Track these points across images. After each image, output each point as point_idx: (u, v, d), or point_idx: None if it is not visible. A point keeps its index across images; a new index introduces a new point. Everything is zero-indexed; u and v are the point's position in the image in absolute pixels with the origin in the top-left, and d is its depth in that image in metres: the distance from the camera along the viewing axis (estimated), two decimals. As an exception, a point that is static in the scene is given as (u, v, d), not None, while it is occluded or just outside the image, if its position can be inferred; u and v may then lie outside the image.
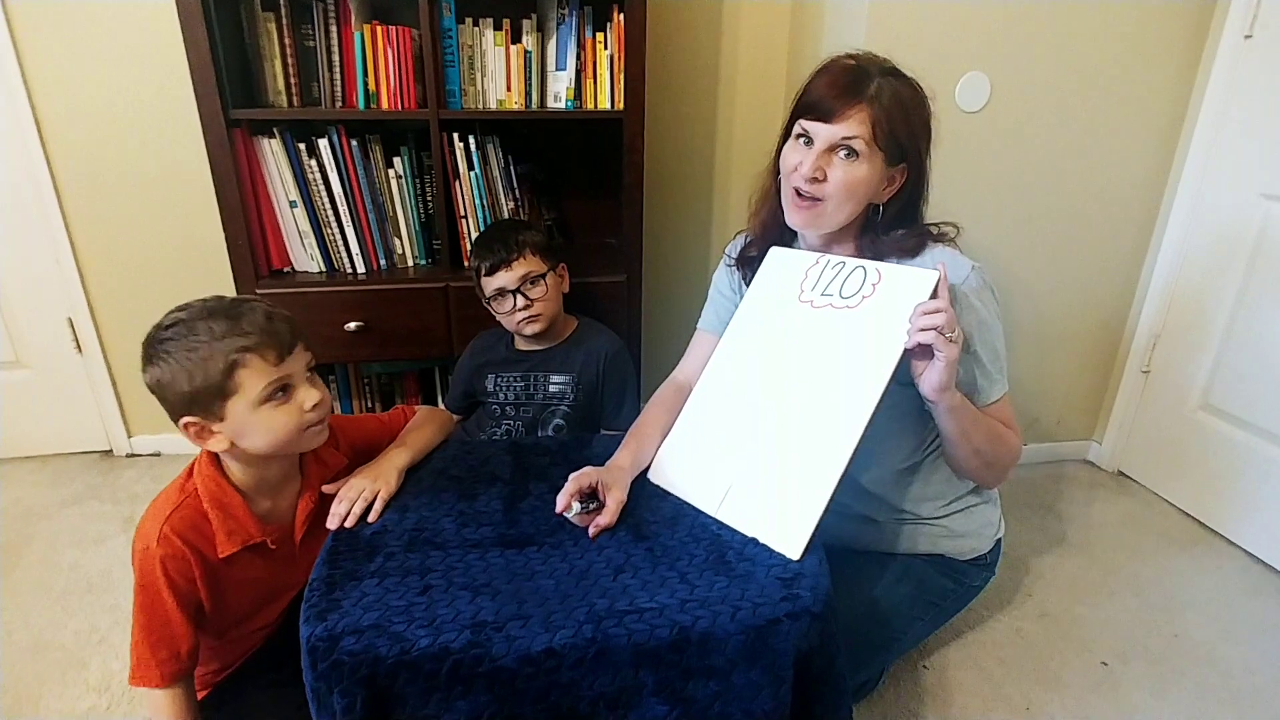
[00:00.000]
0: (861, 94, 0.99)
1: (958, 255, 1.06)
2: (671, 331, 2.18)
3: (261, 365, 0.90)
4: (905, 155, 1.03)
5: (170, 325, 0.90)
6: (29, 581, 1.58)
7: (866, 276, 1.00)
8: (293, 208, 1.60)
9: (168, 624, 0.93)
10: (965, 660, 1.41)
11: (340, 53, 1.53)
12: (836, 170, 1.01)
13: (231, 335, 0.89)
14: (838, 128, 0.99)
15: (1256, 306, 1.68)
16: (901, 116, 1.00)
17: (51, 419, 2.05)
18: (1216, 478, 1.81)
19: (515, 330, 1.48)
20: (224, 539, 0.95)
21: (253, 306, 0.93)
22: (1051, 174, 1.81)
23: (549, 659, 0.80)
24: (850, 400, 0.93)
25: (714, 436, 1.07)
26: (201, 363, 0.87)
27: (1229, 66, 1.70)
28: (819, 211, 1.04)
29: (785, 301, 1.07)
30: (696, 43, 1.94)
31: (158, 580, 0.91)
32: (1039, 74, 1.70)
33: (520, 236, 1.44)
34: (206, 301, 0.92)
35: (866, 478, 1.17)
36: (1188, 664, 1.41)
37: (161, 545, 0.92)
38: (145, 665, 0.92)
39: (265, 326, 0.91)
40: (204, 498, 0.95)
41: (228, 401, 0.90)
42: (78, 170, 1.83)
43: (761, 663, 0.84)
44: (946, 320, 0.89)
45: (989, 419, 1.04)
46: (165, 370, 0.88)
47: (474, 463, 1.16)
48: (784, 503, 0.95)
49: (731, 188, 2.09)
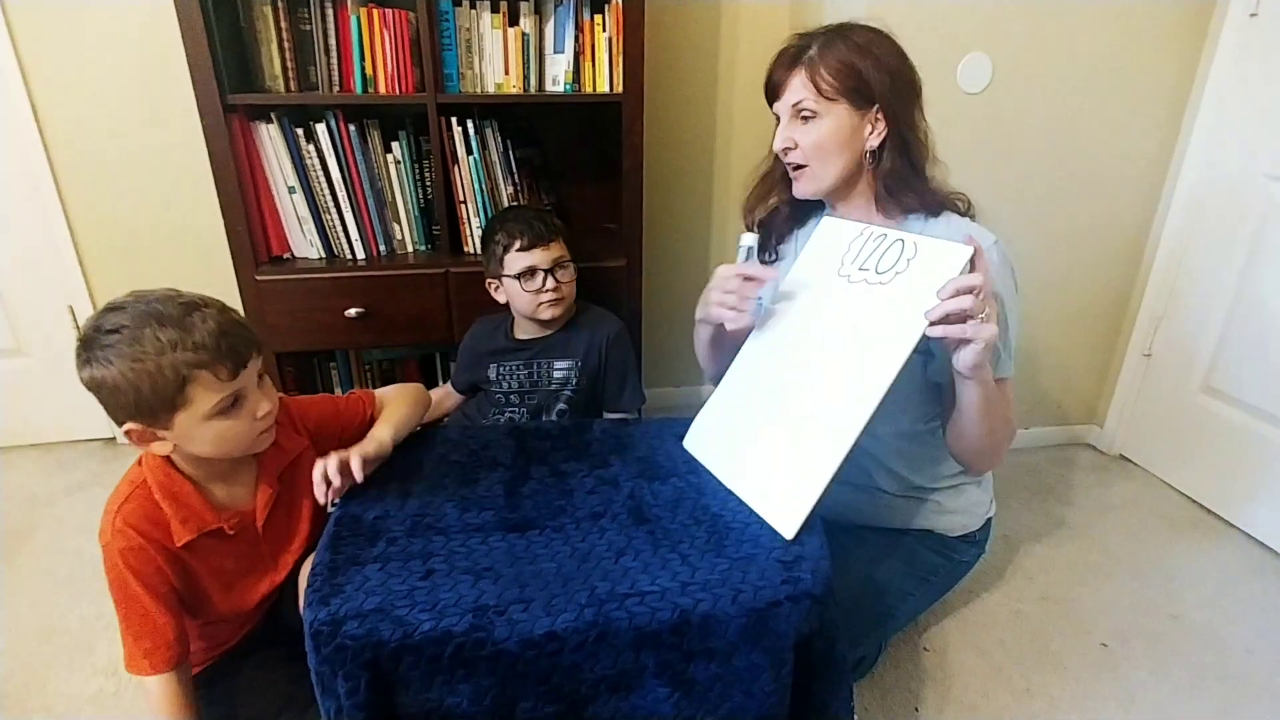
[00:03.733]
0: (798, 61, 1.07)
1: (980, 228, 1.07)
2: (672, 316, 2.18)
3: (214, 381, 0.86)
4: (871, 94, 1.05)
5: (113, 330, 0.84)
6: (34, 568, 1.59)
7: (904, 251, 0.96)
8: (291, 193, 1.60)
9: (145, 614, 0.92)
10: (965, 642, 1.42)
11: (337, 36, 1.52)
12: (802, 135, 1.09)
13: (183, 349, 0.84)
14: (785, 99, 1.09)
15: (1259, 289, 1.67)
16: (849, 61, 1.04)
17: (53, 407, 2.05)
18: (1217, 461, 1.81)
19: (533, 313, 1.45)
20: (178, 527, 0.94)
21: (204, 315, 0.87)
22: (1053, 156, 1.79)
23: (551, 642, 0.80)
24: (862, 383, 0.91)
25: (741, 409, 1.07)
26: (149, 375, 0.83)
27: (1234, 46, 1.68)
28: (808, 175, 1.11)
29: (826, 274, 1.05)
30: (695, 24, 1.92)
31: (123, 573, 0.91)
32: (1041, 55, 1.68)
33: (554, 221, 1.46)
34: (150, 303, 0.86)
35: (869, 443, 1.17)
36: (1187, 645, 1.42)
37: (117, 538, 0.91)
38: (133, 655, 0.93)
39: (219, 343, 0.86)
40: (154, 488, 0.93)
41: (176, 414, 0.87)
42: (75, 157, 1.82)
43: (762, 645, 0.84)
44: (974, 304, 0.83)
45: (1005, 401, 1.03)
46: (106, 374, 0.83)
47: (475, 447, 1.17)
48: (787, 482, 0.95)
49: (732, 171, 2.08)
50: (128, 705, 1.26)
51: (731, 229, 2.14)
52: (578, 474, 1.09)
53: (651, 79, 1.65)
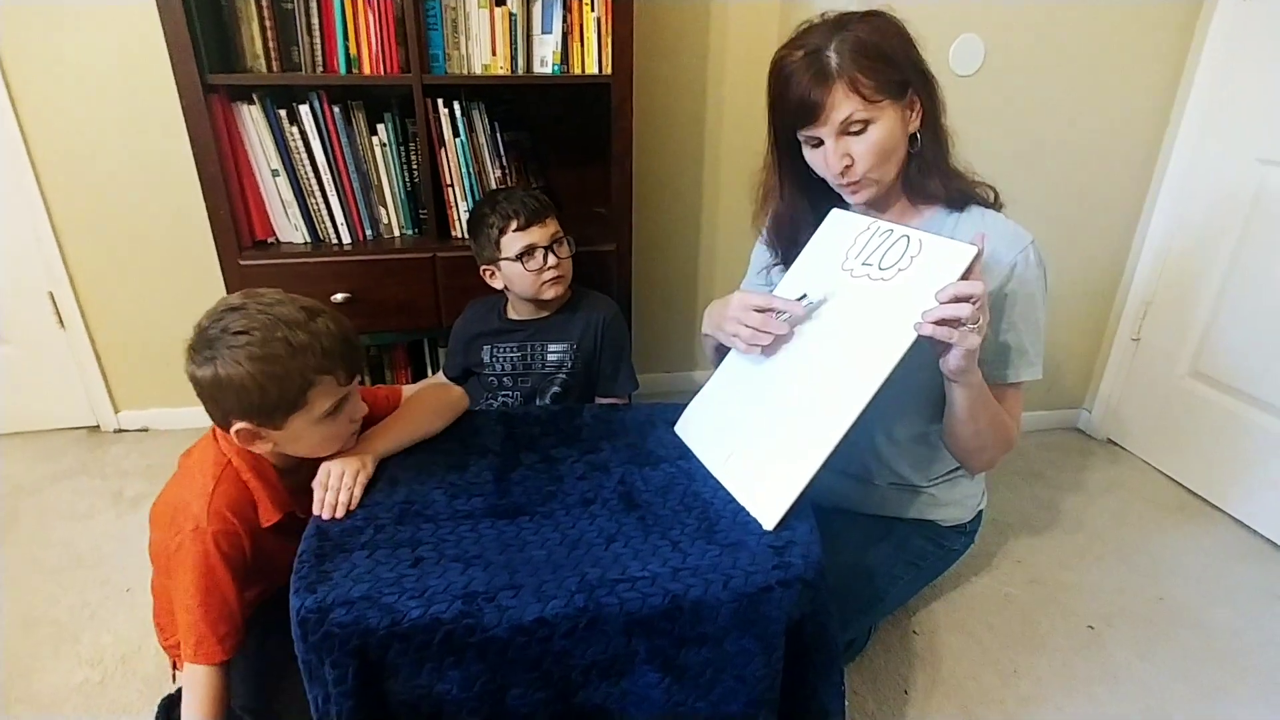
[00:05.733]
0: (829, 77, 0.96)
1: (1016, 227, 1.03)
2: (662, 301, 2.17)
3: (333, 385, 0.91)
4: (907, 80, 0.99)
5: (241, 331, 0.86)
6: (19, 558, 1.57)
7: (908, 248, 0.94)
8: (275, 176, 1.57)
9: (225, 600, 0.92)
10: (954, 625, 1.43)
11: (320, 15, 1.48)
12: (856, 147, 0.99)
13: (312, 354, 0.88)
14: (832, 119, 0.97)
15: (1249, 273, 1.68)
16: (878, 54, 0.96)
17: (36, 395, 2.02)
18: (1205, 445, 1.82)
19: (536, 294, 1.43)
20: (269, 507, 0.97)
21: (325, 320, 0.92)
22: (1046, 139, 1.79)
23: (541, 628, 0.80)
24: (853, 381, 0.90)
25: (733, 398, 1.07)
26: (277, 379, 0.87)
27: (1226, 30, 1.67)
28: (867, 184, 1.03)
29: (830, 267, 1.03)
30: (685, 4, 1.89)
31: (212, 557, 0.91)
32: (1034, 37, 1.67)
33: (544, 198, 1.44)
34: (273, 306, 0.89)
35: (881, 443, 1.18)
36: (1172, 626, 1.43)
37: (213, 522, 0.92)
38: (206, 642, 0.91)
39: (342, 349, 0.91)
40: (242, 469, 0.96)
41: (292, 416, 0.91)
42: (54, 141, 1.78)
43: (753, 630, 0.84)
44: (970, 313, 0.82)
45: (998, 406, 1.02)
46: (232, 375, 0.86)
47: (464, 434, 1.15)
48: (771, 473, 0.94)
49: (722, 153, 2.06)
50: (113, 695, 1.25)
51: (722, 212, 2.13)
52: (568, 460, 1.08)
53: (641, 60, 1.62)
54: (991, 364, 1.03)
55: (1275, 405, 1.65)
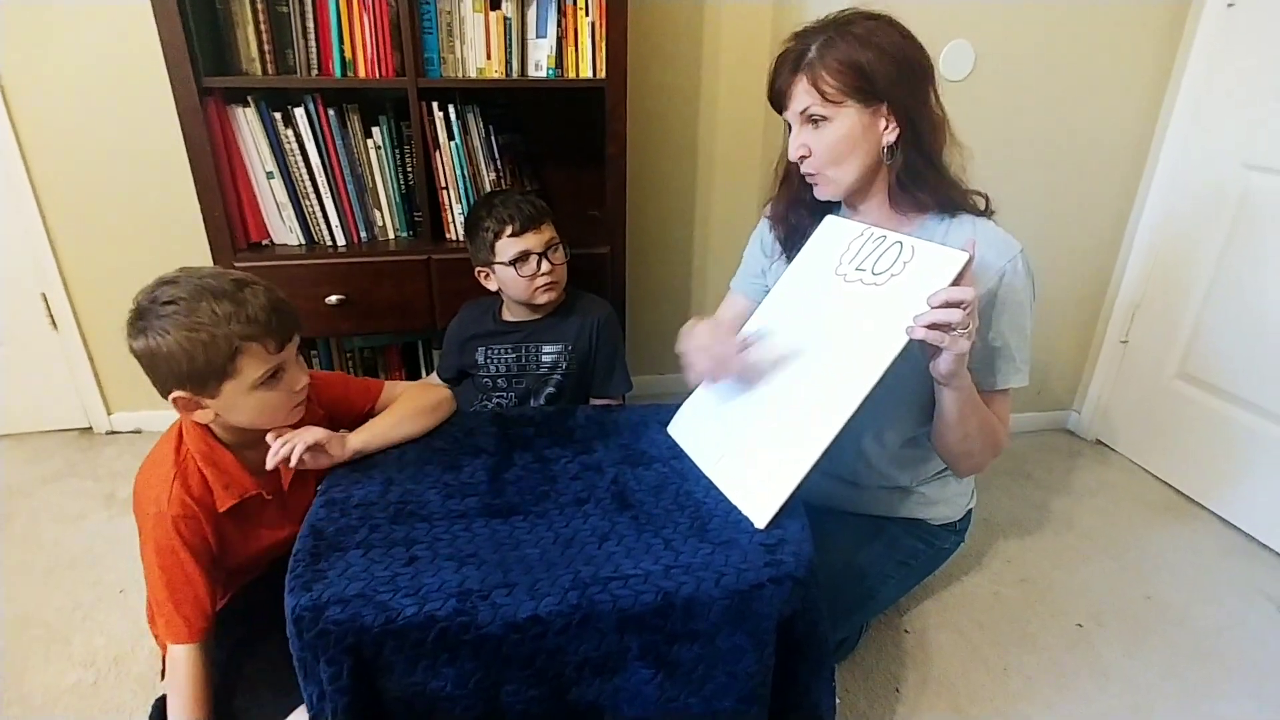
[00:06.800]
0: (798, 67, 1.02)
1: (1006, 235, 1.04)
2: (655, 303, 2.18)
3: (262, 353, 0.93)
4: (878, 90, 0.99)
5: (169, 301, 0.89)
6: (10, 559, 1.57)
7: (900, 254, 0.95)
8: (270, 179, 1.57)
9: (189, 582, 0.94)
10: (945, 624, 1.44)
11: (315, 18, 1.49)
12: (814, 141, 1.04)
13: (237, 321, 0.89)
14: (793, 107, 1.04)
15: (1235, 276, 1.70)
16: (851, 59, 0.98)
17: (28, 397, 2.02)
18: (1193, 446, 1.84)
19: (529, 298, 1.43)
20: (222, 493, 0.98)
21: (255, 290, 0.93)
22: (1035, 143, 1.81)
23: (535, 626, 0.80)
24: (845, 384, 0.91)
25: (724, 400, 1.08)
26: (203, 345, 0.88)
27: (1211, 36, 1.70)
28: (825, 180, 1.08)
29: (823, 273, 1.05)
30: (679, 7, 1.91)
31: (174, 541, 0.93)
32: (1023, 43, 1.69)
33: (541, 203, 1.44)
34: (203, 278, 0.91)
35: (870, 447, 1.19)
36: (1160, 625, 1.45)
37: (173, 506, 0.94)
38: (173, 624, 0.94)
39: (269, 317, 0.92)
40: (197, 457, 0.97)
41: (224, 383, 0.92)
42: (47, 142, 1.78)
43: (745, 627, 0.85)
44: (961, 318, 0.84)
45: (986, 410, 1.03)
46: (160, 344, 0.88)
47: (458, 434, 1.16)
48: (763, 473, 0.96)
49: (716, 156, 2.07)
50: (106, 696, 1.25)
51: (715, 215, 2.14)
52: (561, 460, 1.09)
53: (635, 64, 1.64)
54: (979, 370, 1.04)
55: (1261, 406, 1.67)
